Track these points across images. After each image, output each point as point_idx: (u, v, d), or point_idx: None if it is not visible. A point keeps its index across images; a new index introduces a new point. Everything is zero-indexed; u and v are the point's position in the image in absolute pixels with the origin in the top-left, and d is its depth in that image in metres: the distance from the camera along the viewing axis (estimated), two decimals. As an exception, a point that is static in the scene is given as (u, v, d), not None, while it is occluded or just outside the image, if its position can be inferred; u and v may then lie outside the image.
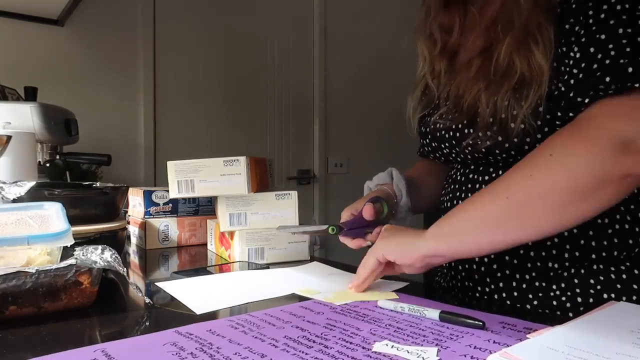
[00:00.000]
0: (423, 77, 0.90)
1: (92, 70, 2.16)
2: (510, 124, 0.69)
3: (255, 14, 2.61)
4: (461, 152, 0.78)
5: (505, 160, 0.73)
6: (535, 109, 0.67)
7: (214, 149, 2.41)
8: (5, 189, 0.76)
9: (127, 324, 0.61)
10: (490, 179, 0.76)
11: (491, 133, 0.71)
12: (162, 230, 1.11)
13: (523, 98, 0.68)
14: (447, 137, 0.80)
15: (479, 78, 0.74)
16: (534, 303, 0.72)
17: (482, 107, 0.72)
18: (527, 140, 0.69)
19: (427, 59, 0.88)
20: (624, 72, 0.58)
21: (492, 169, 0.76)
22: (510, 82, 0.69)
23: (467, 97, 0.74)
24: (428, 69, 0.88)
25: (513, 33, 0.70)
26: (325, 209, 2.83)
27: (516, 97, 0.68)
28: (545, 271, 0.72)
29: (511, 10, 0.71)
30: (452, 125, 0.78)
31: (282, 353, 0.47)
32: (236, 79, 2.55)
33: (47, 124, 1.18)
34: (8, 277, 0.56)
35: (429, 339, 0.51)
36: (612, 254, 0.69)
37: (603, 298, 0.68)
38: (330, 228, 0.77)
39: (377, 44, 2.95)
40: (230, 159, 0.91)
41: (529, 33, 0.68)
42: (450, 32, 0.85)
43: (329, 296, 0.68)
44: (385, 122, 2.98)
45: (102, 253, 0.64)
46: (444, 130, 0.80)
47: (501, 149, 0.71)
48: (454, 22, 0.84)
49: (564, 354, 0.44)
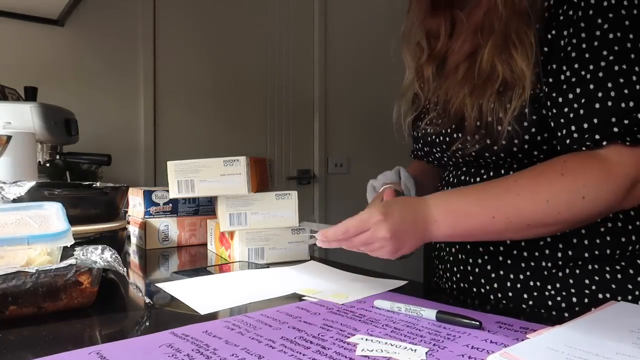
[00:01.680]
0: (411, 84, 0.90)
1: (92, 70, 2.16)
2: (496, 127, 0.70)
3: (255, 14, 2.61)
4: (452, 156, 0.79)
5: (495, 162, 0.74)
6: (521, 112, 0.68)
7: (214, 149, 2.41)
8: (5, 189, 0.76)
9: (127, 324, 0.61)
10: (482, 181, 0.76)
11: (479, 137, 0.72)
12: (162, 230, 1.11)
13: (507, 101, 0.68)
14: (438, 142, 0.80)
15: (465, 82, 0.74)
16: (530, 303, 0.72)
17: (468, 111, 0.72)
18: (515, 142, 0.69)
19: (414, 66, 0.88)
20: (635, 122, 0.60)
21: (484, 170, 0.77)
22: (494, 86, 0.70)
23: (453, 101, 0.75)
24: (416, 76, 0.89)
25: (493, 38, 0.71)
26: (325, 209, 2.83)
27: (501, 100, 0.69)
28: (540, 271, 0.72)
29: (492, 16, 0.72)
30: (441, 130, 0.79)
31: (279, 354, 0.47)
32: (236, 78, 2.55)
33: (47, 124, 1.18)
34: (8, 277, 0.56)
35: (426, 339, 0.51)
36: (605, 253, 0.69)
37: (598, 298, 0.68)
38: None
39: (377, 44, 2.94)
40: (230, 159, 0.91)
41: (508, 38, 0.69)
42: (437, 38, 0.85)
43: (329, 296, 0.68)
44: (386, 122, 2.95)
45: (102, 253, 0.64)
46: (434, 135, 0.81)
47: (490, 152, 0.72)
48: (441, 27, 0.84)
49: (564, 354, 0.45)
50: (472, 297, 0.78)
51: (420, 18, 0.86)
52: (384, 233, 0.63)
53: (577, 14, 0.64)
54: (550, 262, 0.71)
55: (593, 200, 0.62)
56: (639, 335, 0.49)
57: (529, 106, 0.67)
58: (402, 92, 0.92)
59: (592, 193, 0.62)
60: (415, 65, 0.88)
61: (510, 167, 0.74)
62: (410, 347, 0.48)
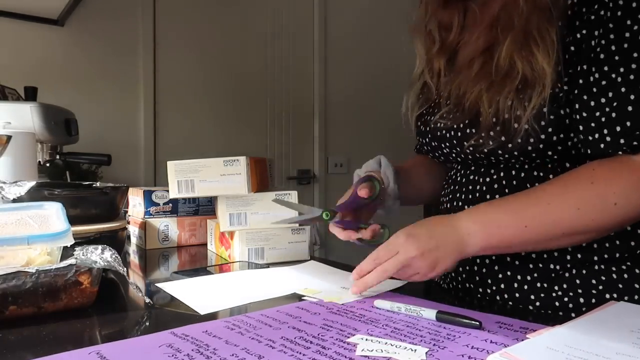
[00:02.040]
0: (421, 75, 0.89)
1: (92, 70, 2.16)
2: (513, 125, 0.69)
3: (255, 14, 2.61)
4: (462, 153, 0.78)
5: (506, 161, 0.73)
6: (540, 111, 0.67)
7: (214, 149, 2.41)
8: (5, 189, 0.76)
9: (127, 324, 0.61)
10: (492, 180, 0.76)
11: (494, 134, 0.71)
12: (162, 230, 1.11)
13: (527, 99, 0.67)
14: (448, 137, 0.79)
15: (481, 78, 0.73)
16: (537, 304, 0.72)
17: (484, 107, 0.71)
18: (531, 141, 0.68)
19: (425, 57, 0.87)
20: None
21: (494, 170, 0.76)
22: (513, 83, 0.68)
23: (468, 96, 0.74)
24: (426, 67, 0.87)
25: (513, 34, 0.69)
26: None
27: (519, 98, 0.68)
28: (547, 272, 0.72)
29: (511, 11, 0.70)
30: (453, 125, 0.77)
31: (279, 354, 0.47)
32: (236, 79, 2.55)
33: (47, 124, 1.18)
34: (8, 277, 0.56)
35: (426, 339, 0.51)
36: (614, 254, 0.69)
37: (605, 298, 0.68)
38: (324, 213, 0.75)
39: (378, 44, 2.95)
40: (230, 159, 0.91)
41: (529, 35, 0.68)
42: (450, 30, 0.84)
43: (330, 296, 0.68)
44: (385, 122, 2.97)
45: (102, 253, 0.64)
46: (445, 130, 0.79)
47: (504, 150, 0.71)
48: (454, 19, 0.83)
49: (564, 354, 0.45)
50: (478, 298, 0.77)
51: (433, 8, 0.85)
52: (412, 252, 0.64)
53: (607, 14, 0.63)
54: (558, 264, 0.71)
55: (625, 206, 0.61)
56: (639, 335, 0.49)
57: (548, 105, 0.66)
58: (412, 82, 0.90)
59: (623, 199, 0.61)
60: (428, 55, 0.86)
61: (522, 167, 0.73)
62: (410, 347, 0.48)
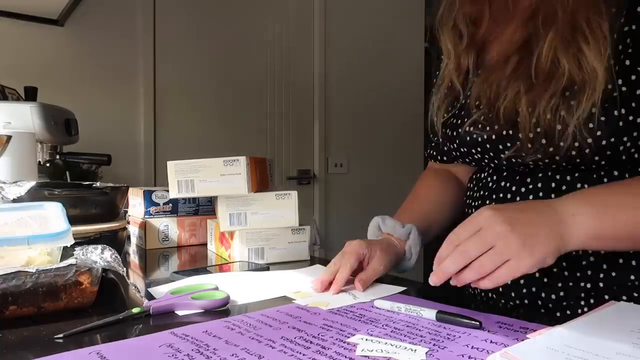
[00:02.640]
0: (448, 74, 0.81)
1: (92, 70, 2.16)
2: (558, 132, 0.62)
3: (255, 13, 2.61)
4: (496, 158, 0.71)
5: (546, 166, 0.66)
6: (589, 115, 0.60)
7: (214, 148, 2.41)
8: (5, 189, 0.76)
9: (127, 324, 0.61)
10: (527, 190, 0.69)
11: (536, 142, 0.63)
12: (162, 230, 1.11)
13: (575, 104, 0.60)
14: (481, 143, 0.72)
15: (517, 78, 0.66)
16: (549, 305, 0.70)
17: (523, 113, 0.64)
18: (576, 146, 0.62)
19: (452, 54, 0.78)
20: None
21: (530, 178, 0.69)
22: (557, 85, 0.62)
23: (503, 99, 0.67)
24: (453, 65, 0.79)
25: (556, 28, 0.62)
26: (325, 209, 2.83)
27: (565, 102, 0.61)
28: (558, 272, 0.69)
29: (554, 1, 0.63)
30: (491, 135, 0.69)
31: (279, 354, 0.47)
32: (236, 78, 2.55)
33: (47, 124, 1.18)
34: (8, 277, 0.56)
35: (426, 339, 0.51)
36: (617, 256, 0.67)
37: (604, 298, 0.68)
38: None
39: (378, 43, 2.95)
40: (230, 158, 0.91)
41: (576, 29, 0.61)
42: (479, 24, 0.76)
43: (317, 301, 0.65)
44: (386, 122, 2.98)
45: (102, 253, 0.64)
46: (478, 136, 0.71)
47: (550, 160, 0.65)
48: (483, 11, 0.75)
49: (564, 354, 0.44)
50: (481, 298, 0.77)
51: (461, 1, 0.76)
52: (500, 225, 0.52)
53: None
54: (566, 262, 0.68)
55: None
56: (639, 335, 0.49)
57: (599, 107, 0.60)
58: (439, 82, 0.82)
59: None
60: (455, 52, 0.78)
61: (563, 175, 0.67)
62: (410, 347, 0.48)
